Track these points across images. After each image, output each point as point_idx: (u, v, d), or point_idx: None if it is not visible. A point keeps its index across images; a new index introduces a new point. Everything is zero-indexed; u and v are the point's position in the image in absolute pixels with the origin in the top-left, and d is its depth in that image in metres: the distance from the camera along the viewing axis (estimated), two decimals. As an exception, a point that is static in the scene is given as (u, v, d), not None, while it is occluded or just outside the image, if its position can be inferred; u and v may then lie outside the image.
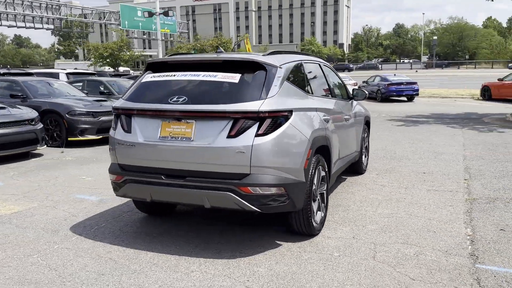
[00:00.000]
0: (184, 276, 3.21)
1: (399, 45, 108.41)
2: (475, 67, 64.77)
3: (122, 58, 39.20)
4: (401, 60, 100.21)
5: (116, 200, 5.04)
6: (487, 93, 20.56)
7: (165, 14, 33.28)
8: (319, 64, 4.82)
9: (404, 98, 21.40)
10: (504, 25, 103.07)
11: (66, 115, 8.83)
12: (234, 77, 3.49)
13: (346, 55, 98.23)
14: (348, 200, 5.03)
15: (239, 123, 3.30)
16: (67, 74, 14.88)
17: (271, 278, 3.15)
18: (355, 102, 5.82)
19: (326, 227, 4.13)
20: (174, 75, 3.71)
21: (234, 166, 3.29)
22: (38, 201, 5.18)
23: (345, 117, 5.08)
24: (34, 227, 4.31)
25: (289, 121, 3.38)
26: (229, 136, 3.29)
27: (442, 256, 3.46)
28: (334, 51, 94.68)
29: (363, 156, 6.26)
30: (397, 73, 25.70)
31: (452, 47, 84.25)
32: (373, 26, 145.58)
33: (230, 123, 3.32)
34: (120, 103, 3.82)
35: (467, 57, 79.83)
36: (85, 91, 11.33)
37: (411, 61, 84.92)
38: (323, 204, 4.01)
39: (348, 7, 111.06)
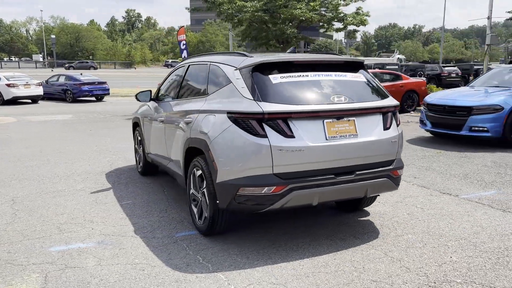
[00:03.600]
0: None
1: (7, 42, 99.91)
2: (99, 67, 69.07)
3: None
4: (10, 58, 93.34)
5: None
6: (163, 91, 23.84)
7: None
8: None
9: (93, 98, 21.78)
10: (104, 28, 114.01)
11: None
12: (359, 77, 4.04)
13: None
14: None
15: (388, 116, 3.92)
16: None
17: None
18: None
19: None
20: (307, 76, 3.80)
21: (388, 154, 3.89)
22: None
23: None
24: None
25: None
26: (385, 129, 3.88)
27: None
28: None
29: None
30: (52, 73, 25.30)
31: (71, 47, 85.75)
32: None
33: (381, 117, 3.89)
34: (269, 107, 3.47)
35: (91, 57, 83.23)
36: None
37: (23, 59, 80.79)
38: None
39: None
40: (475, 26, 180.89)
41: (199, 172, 4.09)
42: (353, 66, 4.13)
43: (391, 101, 4.02)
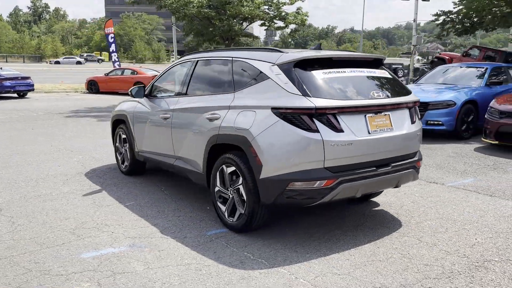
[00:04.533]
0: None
1: None
2: (6, 61, 63.37)
3: None
4: None
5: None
6: (94, 87, 22.59)
7: None
8: None
9: (15, 95, 20.00)
10: (6, 18, 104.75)
11: None
12: (385, 73, 4.24)
13: None
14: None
15: (412, 111, 4.16)
16: None
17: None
18: None
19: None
20: (345, 72, 3.91)
21: (414, 147, 4.15)
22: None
23: None
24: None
25: None
26: (412, 122, 4.12)
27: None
28: None
29: None
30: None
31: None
32: None
33: (408, 111, 4.11)
34: (320, 102, 3.54)
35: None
36: None
37: None
38: None
39: None
40: (381, 27, 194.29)
41: (231, 168, 4.05)
42: (377, 63, 4.34)
43: (414, 97, 4.28)
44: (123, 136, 6.24)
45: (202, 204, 4.96)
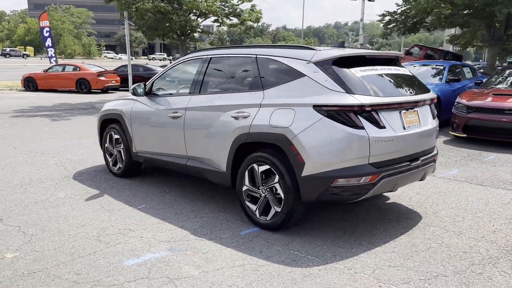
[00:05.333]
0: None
1: None
2: None
3: None
4: None
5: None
6: (31, 84, 21.11)
7: None
8: None
9: None
10: None
11: None
12: (406, 70, 4.41)
13: None
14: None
15: (432, 107, 4.40)
16: None
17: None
18: None
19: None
20: (377, 69, 4.03)
21: (434, 141, 4.38)
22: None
23: None
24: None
25: None
26: (433, 118, 4.37)
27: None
28: None
29: None
30: None
31: None
32: None
33: (429, 107, 4.34)
34: (365, 99, 3.63)
35: None
36: None
37: None
38: None
39: None
40: (311, 27, 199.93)
41: (264, 167, 4.02)
42: (396, 61, 4.51)
43: (433, 94, 4.51)
44: (116, 136, 5.94)
45: (217, 204, 4.87)
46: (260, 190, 4.11)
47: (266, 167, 4.01)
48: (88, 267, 3.37)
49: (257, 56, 4.36)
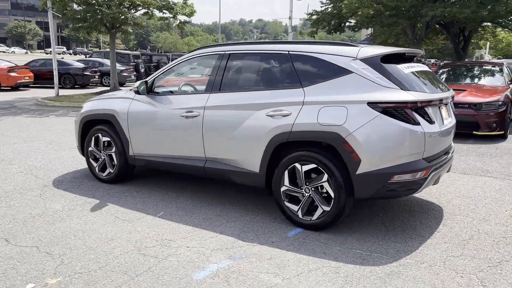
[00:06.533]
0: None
1: None
2: None
3: None
4: None
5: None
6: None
7: None
8: None
9: None
10: None
11: None
12: (427, 67, 4.52)
13: None
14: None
15: (451, 104, 4.58)
16: None
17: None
18: None
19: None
20: (413, 66, 4.13)
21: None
22: None
23: None
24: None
25: None
26: (454, 114, 4.57)
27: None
28: None
29: None
30: None
31: None
32: None
33: (449, 104, 4.51)
34: (419, 95, 3.71)
35: None
36: None
37: None
38: None
39: None
40: (216, 22, 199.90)
41: (309, 166, 3.94)
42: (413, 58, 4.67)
43: (453, 91, 4.74)
44: (105, 139, 5.38)
45: (238, 207, 4.67)
46: (303, 190, 4.01)
47: (311, 166, 3.93)
48: (155, 285, 3.02)
49: (290, 52, 4.23)
